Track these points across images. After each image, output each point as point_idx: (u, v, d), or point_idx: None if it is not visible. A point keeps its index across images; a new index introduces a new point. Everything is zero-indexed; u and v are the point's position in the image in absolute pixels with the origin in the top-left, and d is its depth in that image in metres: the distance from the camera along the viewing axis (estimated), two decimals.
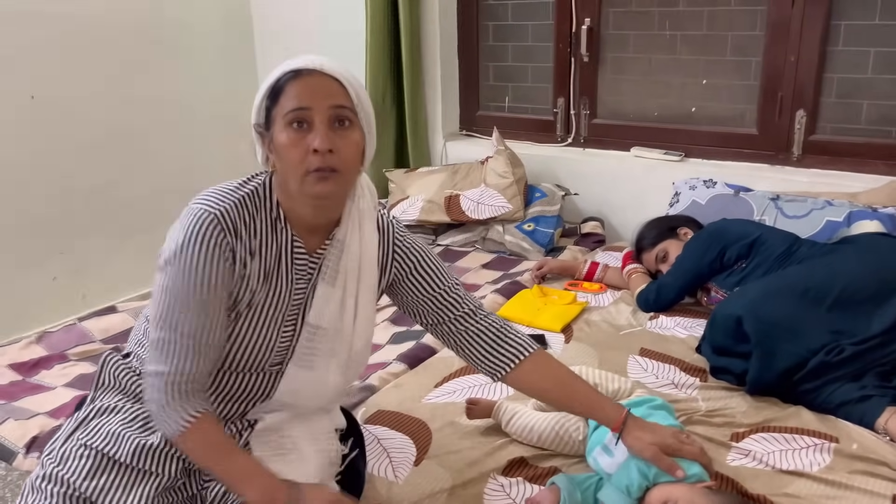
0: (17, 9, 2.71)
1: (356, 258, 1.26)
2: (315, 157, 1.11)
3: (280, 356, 1.26)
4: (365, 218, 1.27)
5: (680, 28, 2.74)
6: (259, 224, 1.19)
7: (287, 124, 1.13)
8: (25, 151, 2.80)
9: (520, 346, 1.33)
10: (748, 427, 1.54)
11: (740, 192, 2.44)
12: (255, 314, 1.20)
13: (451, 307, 1.34)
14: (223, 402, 1.26)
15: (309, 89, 1.12)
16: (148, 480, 1.18)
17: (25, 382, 1.78)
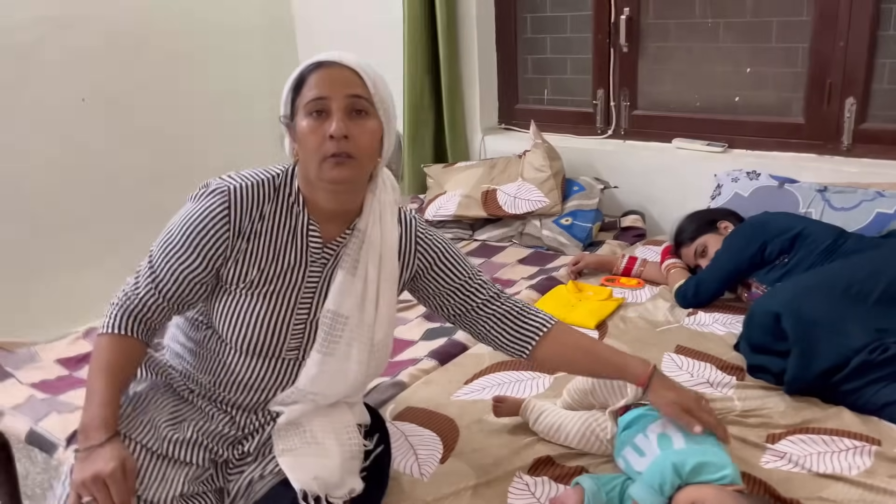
0: (66, 14, 2.81)
1: (377, 249, 1.31)
2: (331, 143, 1.18)
3: (296, 341, 1.29)
4: (386, 210, 1.33)
5: (722, 15, 2.66)
6: (271, 206, 1.26)
7: (307, 113, 1.20)
8: (77, 152, 2.91)
9: (539, 322, 1.38)
10: (785, 428, 1.49)
11: (785, 184, 2.36)
12: (266, 292, 1.26)
13: (473, 295, 1.39)
14: (245, 390, 1.30)
15: (328, 79, 1.20)
16: (181, 470, 1.24)
17: (71, 377, 1.85)
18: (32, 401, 1.70)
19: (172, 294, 1.26)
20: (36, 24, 2.74)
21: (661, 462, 1.24)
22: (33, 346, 1.98)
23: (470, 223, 2.88)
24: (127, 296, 1.27)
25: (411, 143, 3.24)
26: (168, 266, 1.24)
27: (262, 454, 1.31)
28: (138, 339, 1.26)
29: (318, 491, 1.22)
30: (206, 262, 1.24)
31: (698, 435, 1.28)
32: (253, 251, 1.26)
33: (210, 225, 1.23)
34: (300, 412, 1.30)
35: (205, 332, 1.32)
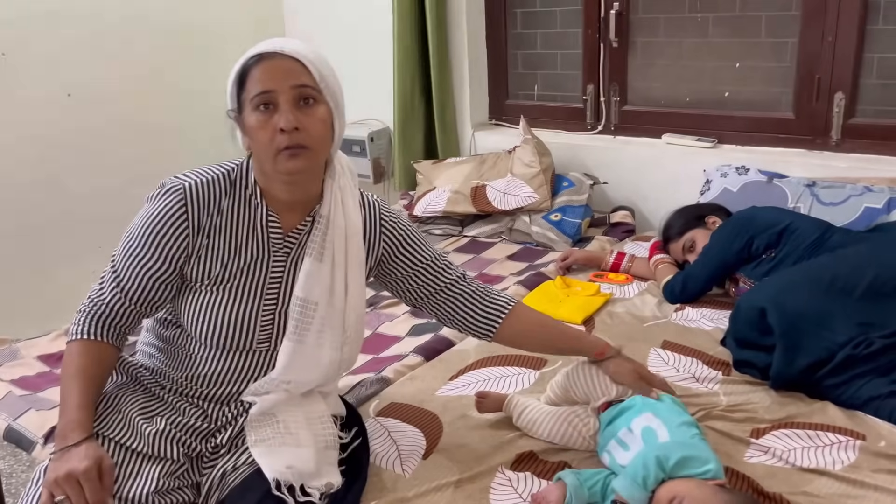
0: (50, 9, 2.79)
1: (342, 233, 1.31)
2: (283, 136, 1.17)
3: (266, 333, 1.29)
4: (347, 195, 1.33)
5: (712, 10, 2.65)
6: (229, 200, 1.27)
7: (255, 108, 1.19)
8: (62, 148, 2.89)
9: (503, 302, 1.42)
10: (770, 423, 1.48)
11: (774, 179, 2.35)
12: (232, 286, 1.27)
13: (438, 277, 1.42)
14: (217, 383, 1.30)
15: (271, 72, 1.18)
16: (156, 465, 1.23)
17: (51, 374, 1.83)
18: (10, 397, 1.68)
19: (138, 297, 1.26)
20: (22, 20, 2.72)
21: (645, 455, 1.23)
22: (15, 343, 1.96)
23: (459, 219, 2.86)
24: (93, 301, 1.27)
25: (401, 139, 3.23)
26: (131, 269, 1.25)
27: (235, 446, 1.30)
28: (109, 344, 1.26)
29: (293, 480, 1.20)
30: (168, 262, 1.24)
31: (683, 427, 1.28)
32: (214, 247, 1.26)
33: (168, 224, 1.23)
34: (273, 402, 1.29)
35: (174, 330, 1.32)
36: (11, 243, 2.81)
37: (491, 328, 1.42)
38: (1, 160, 2.75)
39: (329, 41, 3.47)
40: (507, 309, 1.41)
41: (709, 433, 1.44)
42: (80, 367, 1.22)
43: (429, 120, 3.26)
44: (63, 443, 1.15)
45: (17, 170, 2.79)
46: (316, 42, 3.44)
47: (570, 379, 1.45)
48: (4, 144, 2.75)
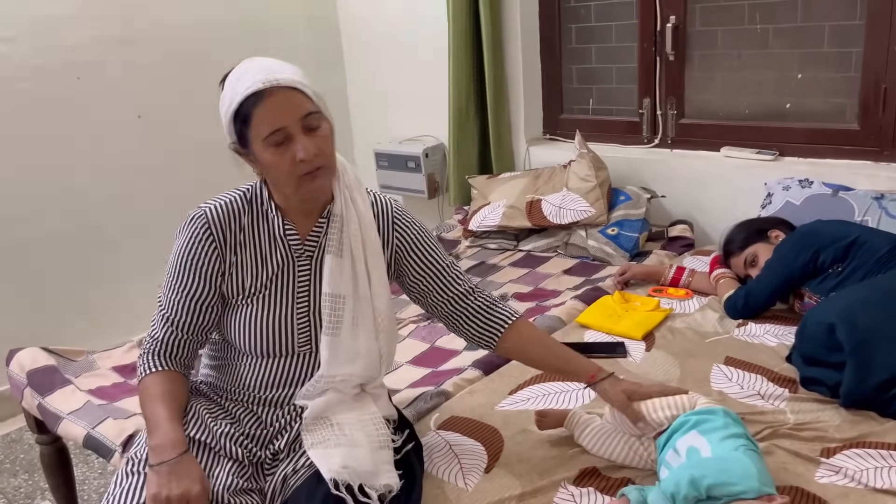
0: (122, 34, 2.92)
1: (357, 228, 1.38)
2: (303, 164, 1.24)
3: (305, 335, 1.37)
4: (354, 191, 1.40)
5: (772, 21, 2.61)
6: (248, 218, 1.35)
7: (269, 145, 1.24)
8: (134, 166, 3.02)
9: (504, 316, 1.47)
10: (841, 442, 1.45)
11: (839, 192, 2.30)
12: (265, 297, 1.34)
13: (452, 283, 1.47)
14: (270, 388, 1.37)
15: (277, 109, 1.22)
16: (227, 462, 1.30)
17: (126, 384, 1.91)
18: (89, 406, 1.75)
19: (189, 325, 1.33)
20: (95, 45, 2.86)
21: (679, 471, 1.22)
22: (91, 355, 2.05)
23: (514, 234, 2.87)
24: (150, 343, 1.35)
25: (456, 154, 3.26)
26: (177, 301, 1.33)
27: (293, 450, 1.35)
28: (175, 371, 1.33)
29: (350, 479, 1.24)
30: (207, 283, 1.33)
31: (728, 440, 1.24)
32: (242, 261, 1.35)
33: (199, 247, 1.32)
34: (324, 405, 1.35)
35: (222, 346, 1.41)
36: (87, 258, 2.95)
37: (492, 340, 1.47)
38: (76, 179, 2.88)
39: (384, 61, 3.56)
40: (507, 323, 1.46)
41: (777, 452, 1.42)
42: (158, 392, 1.29)
43: (483, 135, 3.28)
44: (161, 456, 1.20)
45: (91, 188, 2.93)
46: (371, 64, 3.60)
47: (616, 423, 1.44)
48: (80, 164, 2.89)
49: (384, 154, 3.53)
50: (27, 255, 2.79)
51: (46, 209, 2.82)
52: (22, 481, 2.40)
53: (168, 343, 1.33)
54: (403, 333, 2.15)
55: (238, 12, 3.28)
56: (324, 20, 3.65)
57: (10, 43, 2.65)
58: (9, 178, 2.71)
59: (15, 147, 2.72)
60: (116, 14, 2.90)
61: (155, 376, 1.31)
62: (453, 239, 3.03)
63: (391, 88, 3.59)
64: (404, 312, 2.26)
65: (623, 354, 1.88)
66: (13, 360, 1.96)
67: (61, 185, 2.85)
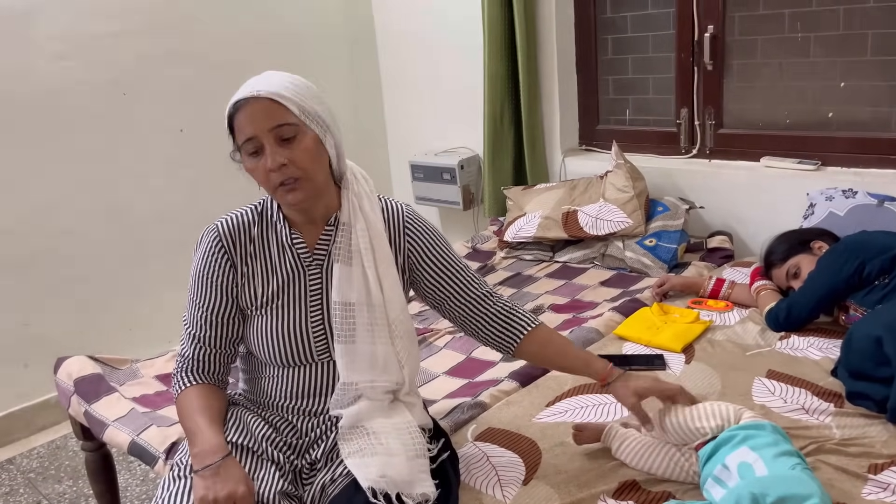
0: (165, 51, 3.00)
1: (365, 236, 1.39)
2: (274, 174, 1.27)
3: (322, 344, 1.39)
4: (363, 200, 1.42)
5: (814, 29, 2.58)
6: (258, 229, 1.40)
7: (247, 154, 1.30)
8: (175, 180, 3.09)
9: (524, 323, 1.49)
10: (888, 458, 1.41)
11: (885, 202, 2.25)
12: (279, 306, 1.37)
13: (469, 287, 1.48)
14: (298, 397, 1.40)
15: (249, 119, 1.26)
16: (274, 467, 1.33)
17: (168, 392, 1.94)
18: (133, 414, 1.79)
19: (213, 339, 1.37)
20: (141, 60, 2.94)
21: (739, 490, 1.19)
22: (135, 363, 2.09)
23: (550, 245, 2.87)
24: (181, 362, 1.39)
25: (491, 165, 3.27)
26: (200, 317, 1.37)
27: (331, 460, 1.36)
28: (209, 383, 1.38)
29: (388, 488, 1.24)
30: (225, 296, 1.37)
31: (782, 458, 1.22)
32: (254, 272, 1.38)
33: (213, 261, 1.37)
34: (358, 414, 1.36)
35: (249, 359, 1.44)
36: (131, 270, 3.02)
37: (512, 344, 1.49)
38: (121, 193, 2.96)
39: (419, 73, 3.59)
40: (526, 330, 1.48)
41: (822, 468, 1.38)
42: (195, 406, 1.33)
43: (518, 147, 3.29)
44: (205, 461, 1.23)
45: (135, 200, 3.00)
46: (406, 76, 3.64)
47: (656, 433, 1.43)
48: (124, 176, 2.96)
49: (420, 166, 3.55)
50: (74, 266, 2.87)
51: (92, 222, 2.90)
52: (66, 487, 2.46)
53: (198, 359, 1.37)
54: (439, 345, 2.15)
55: (278, 27, 3.35)
56: (361, 35, 3.70)
57: (61, 59, 2.74)
58: (57, 191, 2.79)
59: (63, 162, 2.80)
60: (160, 30, 2.98)
61: (190, 391, 1.35)
62: (489, 250, 3.03)
63: (427, 100, 3.61)
64: (440, 324, 2.26)
65: (662, 367, 1.86)
66: (61, 368, 2.01)
67: (107, 198, 2.93)
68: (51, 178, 2.78)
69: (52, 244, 2.80)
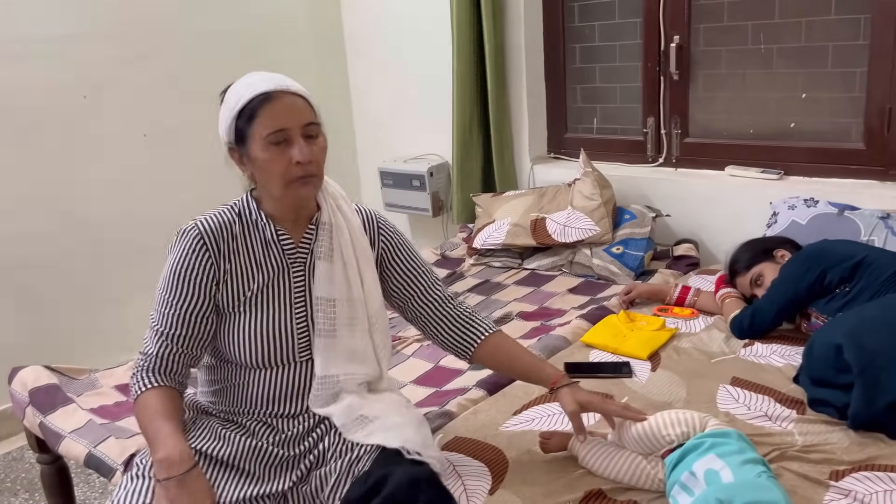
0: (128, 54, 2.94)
1: (346, 234, 1.44)
2: (298, 167, 1.31)
3: (304, 342, 1.40)
4: (339, 200, 1.47)
5: (776, 41, 2.62)
6: (239, 228, 1.39)
7: (268, 144, 1.30)
8: (138, 185, 3.03)
9: (483, 327, 1.54)
10: (849, 465, 1.43)
11: (845, 211, 2.29)
12: (262, 303, 1.38)
13: (432, 288, 1.54)
14: (276, 402, 1.39)
15: (284, 111, 1.30)
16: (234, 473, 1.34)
17: (128, 403, 1.89)
18: (91, 425, 1.74)
19: (183, 337, 1.34)
20: (101, 64, 2.88)
21: (706, 497, 1.20)
22: (94, 373, 2.04)
23: (519, 252, 2.87)
24: (143, 360, 1.35)
25: (460, 172, 3.27)
26: (171, 314, 1.34)
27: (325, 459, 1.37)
28: (171, 387, 1.33)
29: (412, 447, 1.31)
30: (202, 293, 1.35)
31: (747, 465, 1.23)
32: (237, 269, 1.38)
33: (194, 259, 1.35)
34: (350, 407, 1.38)
35: (221, 369, 1.41)
36: (90, 276, 2.95)
37: (468, 351, 1.54)
38: (80, 196, 2.89)
39: (389, 80, 3.58)
40: (484, 334, 1.53)
41: (785, 474, 1.40)
42: (158, 408, 1.28)
43: (487, 154, 3.29)
44: (171, 471, 1.19)
45: (95, 205, 2.93)
46: (376, 84, 3.62)
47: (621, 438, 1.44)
48: (84, 181, 2.89)
49: (389, 172, 3.53)
50: (30, 272, 2.79)
51: (50, 227, 2.82)
52: (22, 500, 2.39)
53: (162, 357, 1.33)
54: (407, 353, 2.14)
55: (243, 31, 3.31)
56: (329, 38, 3.68)
57: (19, 61, 2.67)
58: (13, 195, 2.72)
59: (20, 164, 2.73)
60: (123, 33, 2.92)
61: (152, 392, 1.31)
62: (457, 257, 3.02)
63: (396, 107, 3.60)
64: (408, 331, 2.25)
65: (629, 375, 1.87)
66: (15, 378, 1.96)
67: (66, 203, 2.86)
68: (5, 182, 2.70)
69: (6, 249, 2.72)
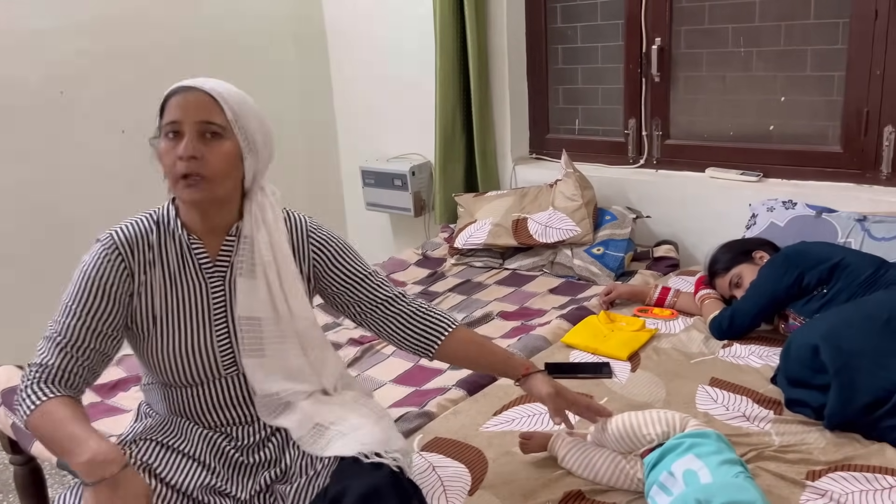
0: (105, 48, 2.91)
1: (268, 248, 1.35)
2: (181, 163, 1.24)
3: (229, 358, 1.34)
4: (266, 211, 1.37)
5: (756, 44, 2.64)
6: (156, 237, 1.33)
7: (164, 135, 1.27)
8: (116, 182, 2.98)
9: (443, 324, 1.47)
10: (826, 465, 1.44)
11: (823, 213, 2.31)
12: (179, 321, 1.31)
13: (375, 291, 1.45)
14: (221, 408, 1.35)
15: (182, 104, 1.26)
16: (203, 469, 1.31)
17: (103, 404, 1.87)
18: None
19: (88, 351, 1.25)
20: (79, 59, 2.84)
21: (685, 497, 1.20)
22: None
23: (500, 252, 2.87)
24: (37, 371, 1.23)
25: (442, 172, 3.26)
26: (77, 324, 1.25)
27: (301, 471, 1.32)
28: (67, 395, 1.22)
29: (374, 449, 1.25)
30: (114, 303, 1.27)
31: (725, 466, 1.24)
32: (152, 282, 1.31)
33: (107, 266, 1.28)
34: (302, 419, 1.34)
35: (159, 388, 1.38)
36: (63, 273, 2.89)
37: (431, 348, 1.46)
38: (58, 193, 2.85)
39: (372, 80, 3.56)
40: (447, 330, 1.46)
41: (762, 475, 1.41)
42: (65, 414, 1.17)
43: (469, 154, 3.29)
44: (101, 472, 1.10)
45: (73, 202, 2.89)
46: (358, 83, 3.61)
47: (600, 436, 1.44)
48: (61, 178, 2.85)
49: (371, 172, 3.52)
50: (4, 270, 2.74)
51: (26, 224, 2.78)
52: None
53: (63, 370, 1.23)
54: (387, 352, 2.12)
55: (224, 28, 3.28)
56: (311, 38, 3.66)
57: None
58: None
59: None
60: (101, 29, 2.88)
61: (52, 401, 1.18)
62: (439, 257, 3.02)
63: (378, 107, 3.59)
64: None
65: (609, 375, 1.87)
66: None
67: (42, 200, 2.81)
68: None
69: None
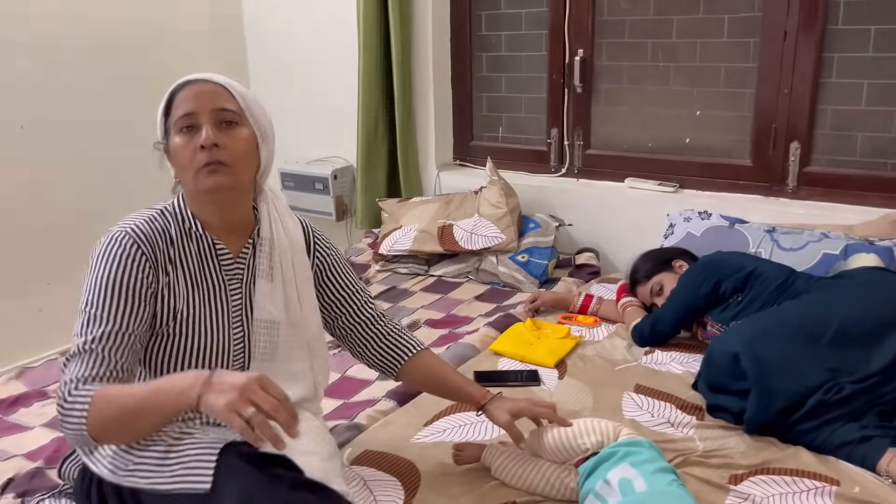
0: (6, 39, 2.71)
1: (287, 252, 1.37)
2: (203, 153, 1.20)
3: (238, 361, 1.31)
4: (285, 215, 1.40)
5: (673, 59, 2.74)
6: (175, 233, 1.28)
7: (178, 131, 1.23)
8: (14, 181, 2.78)
9: (410, 345, 1.52)
10: (747, 469, 1.49)
11: (735, 224, 2.41)
12: (198, 323, 1.27)
13: (365, 307, 1.51)
14: None
15: (194, 95, 1.23)
16: None
17: (3, 421, 1.73)
18: None
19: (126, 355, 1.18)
20: None
21: None
22: None
23: (426, 258, 2.85)
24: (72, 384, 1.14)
25: (365, 176, 3.22)
26: (110, 331, 1.17)
27: None
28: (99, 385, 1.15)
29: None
30: (146, 306, 1.22)
31: (658, 474, 1.27)
32: (174, 281, 1.27)
33: (132, 266, 1.21)
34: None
35: None
36: None
37: (395, 367, 1.51)
38: None
39: (292, 80, 3.48)
40: (412, 352, 1.51)
41: (688, 480, 1.44)
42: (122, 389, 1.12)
43: (393, 159, 3.25)
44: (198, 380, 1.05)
45: None
46: (279, 81, 3.51)
47: (535, 446, 1.44)
48: None
49: (291, 174, 3.43)
50: None
51: None
52: None
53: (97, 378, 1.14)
54: None
55: (134, 19, 3.10)
56: (228, 33, 3.53)
57: None
58: None
59: None
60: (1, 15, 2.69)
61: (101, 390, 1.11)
62: (363, 263, 2.97)
63: (300, 107, 3.50)
64: None
65: (537, 383, 1.88)
66: None
67: None
68: None
69: None
